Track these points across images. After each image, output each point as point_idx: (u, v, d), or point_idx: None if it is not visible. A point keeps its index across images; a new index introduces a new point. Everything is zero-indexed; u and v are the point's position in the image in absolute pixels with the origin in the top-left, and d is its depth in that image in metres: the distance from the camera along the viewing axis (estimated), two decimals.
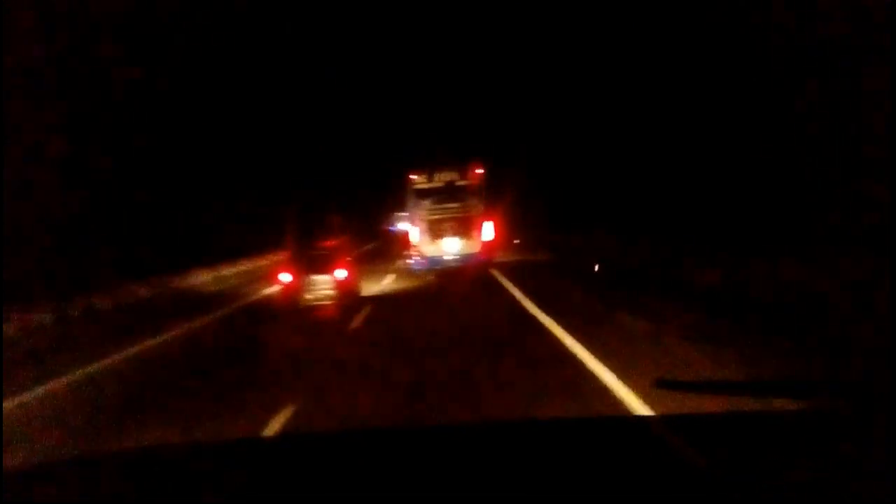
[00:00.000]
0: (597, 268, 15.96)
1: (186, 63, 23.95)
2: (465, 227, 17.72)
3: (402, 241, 24.83)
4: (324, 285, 13.04)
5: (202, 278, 20.77)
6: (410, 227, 18.55)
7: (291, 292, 13.16)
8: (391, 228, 55.53)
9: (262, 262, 24.98)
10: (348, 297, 13.47)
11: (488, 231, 17.69)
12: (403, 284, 17.34)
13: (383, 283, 17.53)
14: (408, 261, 18.59)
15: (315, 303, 13.04)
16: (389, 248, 32.30)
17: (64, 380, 8.33)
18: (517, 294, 13.68)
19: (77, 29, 17.36)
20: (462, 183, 17.88)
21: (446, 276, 17.52)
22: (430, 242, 17.82)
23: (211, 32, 24.90)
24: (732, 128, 14.73)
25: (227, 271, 22.92)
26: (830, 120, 11.11)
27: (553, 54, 29.43)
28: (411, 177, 18.02)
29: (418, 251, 17.94)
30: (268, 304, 15.27)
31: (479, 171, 17.94)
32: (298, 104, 46.18)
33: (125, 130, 20.32)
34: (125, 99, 20.37)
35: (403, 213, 32.39)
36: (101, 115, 19.18)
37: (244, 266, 24.72)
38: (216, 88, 27.06)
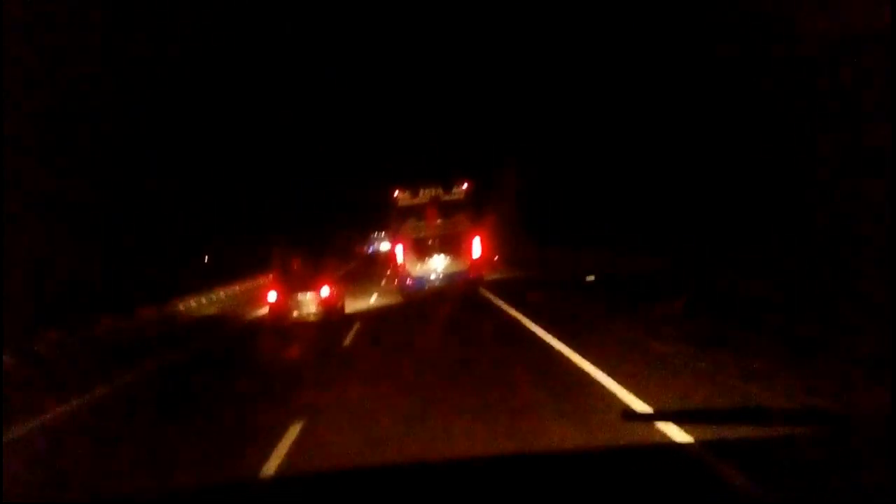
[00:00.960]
0: None
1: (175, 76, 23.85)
2: (452, 245, 17.07)
3: (386, 261, 24.23)
4: (309, 303, 13.10)
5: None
6: (395, 246, 17.92)
7: (278, 311, 13.21)
8: (369, 249, 53.98)
9: (253, 284, 25.00)
10: (332, 314, 13.47)
11: (477, 248, 17.13)
12: (387, 303, 16.69)
13: (366, 302, 16.83)
14: (394, 282, 17.93)
15: (301, 320, 13.06)
16: (368, 271, 31.56)
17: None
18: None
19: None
20: (448, 198, 17.31)
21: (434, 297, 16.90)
22: (417, 262, 17.16)
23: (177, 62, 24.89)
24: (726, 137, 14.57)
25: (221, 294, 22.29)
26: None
27: (538, 64, 29.18)
28: (395, 193, 17.43)
29: (404, 271, 17.29)
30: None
31: (466, 185, 17.45)
32: (275, 117, 46.46)
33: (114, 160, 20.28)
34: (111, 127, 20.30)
35: (381, 234, 31.88)
36: (87, 144, 19.09)
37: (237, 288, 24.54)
38: (196, 105, 27.00)
